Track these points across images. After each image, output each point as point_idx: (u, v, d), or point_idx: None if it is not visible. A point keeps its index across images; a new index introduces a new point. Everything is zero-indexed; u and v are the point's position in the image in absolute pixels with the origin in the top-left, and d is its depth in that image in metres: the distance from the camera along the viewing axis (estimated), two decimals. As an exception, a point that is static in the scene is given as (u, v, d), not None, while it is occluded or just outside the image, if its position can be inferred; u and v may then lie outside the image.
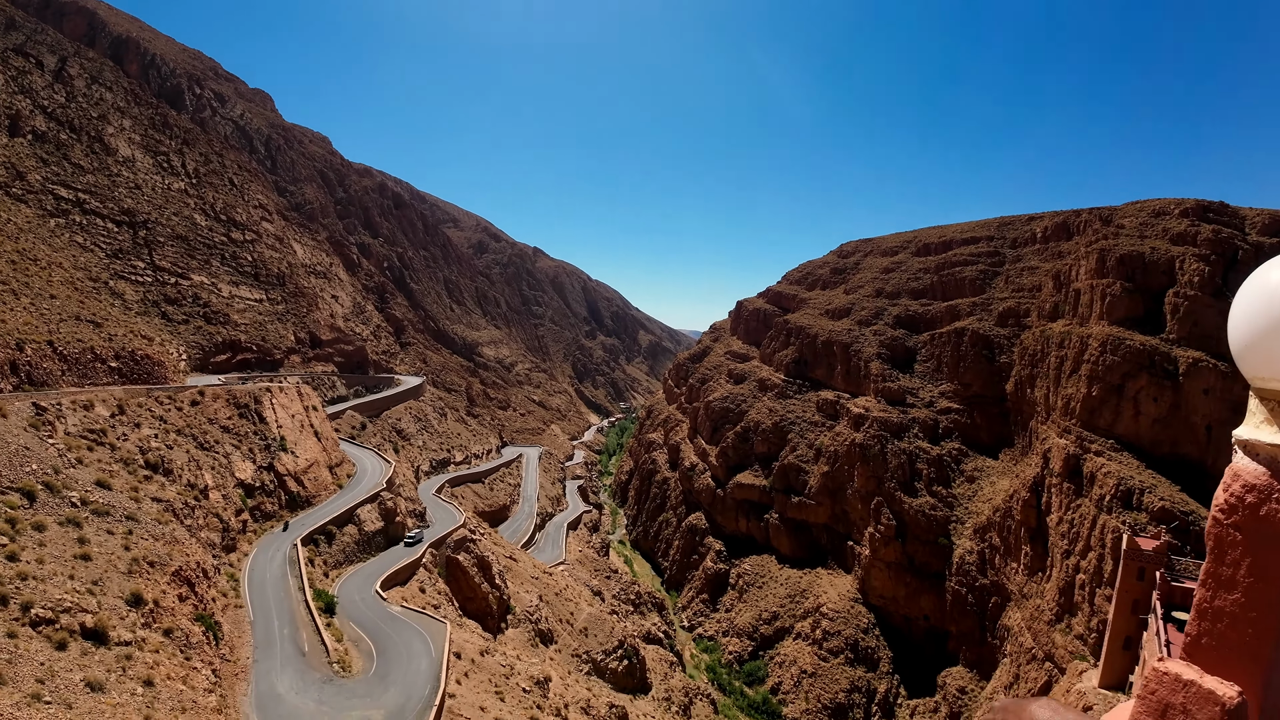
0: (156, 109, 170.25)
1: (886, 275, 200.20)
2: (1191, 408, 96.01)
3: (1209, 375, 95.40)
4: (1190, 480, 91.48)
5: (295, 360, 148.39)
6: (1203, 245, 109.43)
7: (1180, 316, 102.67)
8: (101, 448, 50.48)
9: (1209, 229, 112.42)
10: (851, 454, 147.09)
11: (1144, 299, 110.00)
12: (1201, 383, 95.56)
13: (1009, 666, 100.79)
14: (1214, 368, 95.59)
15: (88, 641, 28.83)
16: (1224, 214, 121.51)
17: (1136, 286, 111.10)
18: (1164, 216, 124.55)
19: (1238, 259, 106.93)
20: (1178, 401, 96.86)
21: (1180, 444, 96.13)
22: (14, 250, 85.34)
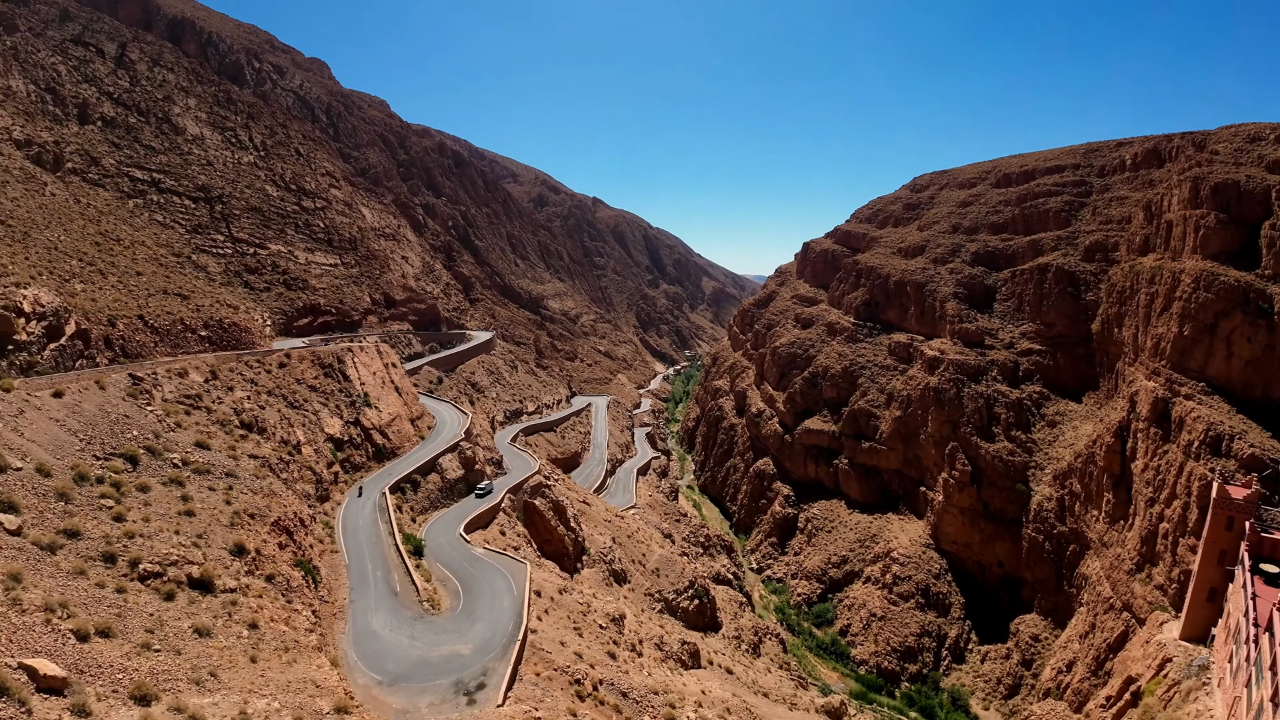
0: (219, 86, 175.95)
1: (963, 209, 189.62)
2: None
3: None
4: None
5: (372, 320, 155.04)
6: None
7: (1277, 251, 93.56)
8: (198, 411, 54.66)
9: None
10: (925, 398, 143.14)
11: (1239, 231, 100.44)
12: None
13: (1085, 615, 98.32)
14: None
15: (194, 591, 31.28)
16: None
17: (1231, 218, 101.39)
18: (1260, 142, 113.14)
19: None
20: (1272, 342, 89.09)
21: (1273, 387, 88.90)
22: (96, 232, 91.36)
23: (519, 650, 44.64)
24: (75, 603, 25.52)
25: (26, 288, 53.39)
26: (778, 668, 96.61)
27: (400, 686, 38.20)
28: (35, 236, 72.53)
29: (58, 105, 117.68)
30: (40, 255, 69.07)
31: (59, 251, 73.87)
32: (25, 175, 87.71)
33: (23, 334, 49.43)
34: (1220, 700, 31.89)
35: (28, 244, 69.21)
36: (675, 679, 63.81)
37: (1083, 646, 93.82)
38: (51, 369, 50.38)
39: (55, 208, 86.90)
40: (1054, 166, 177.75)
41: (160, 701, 21.48)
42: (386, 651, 42.25)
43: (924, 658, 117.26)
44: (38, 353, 50.37)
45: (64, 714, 18.99)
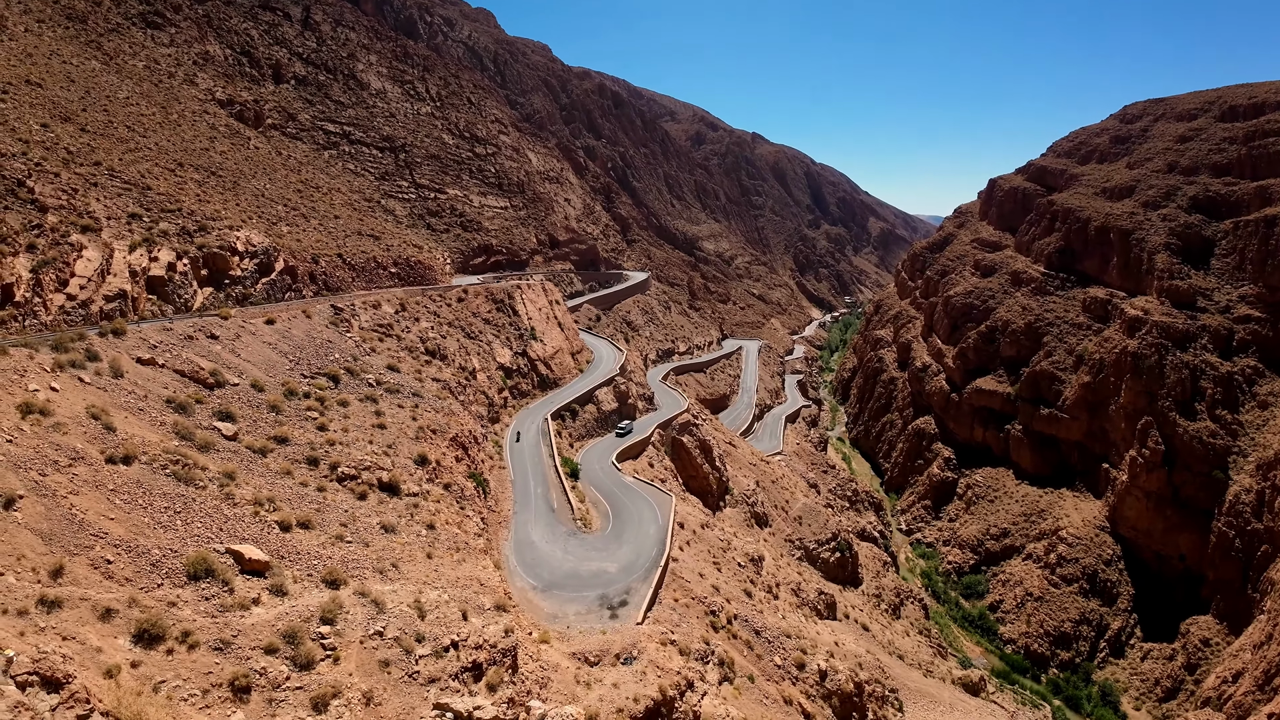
0: (396, 41, 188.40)
1: (1182, 146, 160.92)
2: None
3: None
4: None
5: (538, 260, 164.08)
6: None
7: None
8: (390, 339, 62.04)
9: None
10: (1121, 364, 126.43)
11: None
12: None
13: (1264, 625, 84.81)
14: None
15: (383, 493, 35.81)
16: None
17: None
18: None
19: None
20: None
21: None
22: (298, 181, 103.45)
23: (660, 575, 47.20)
24: (281, 499, 29.34)
25: (239, 230, 62.45)
26: (917, 632, 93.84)
27: (552, 593, 42.20)
28: (244, 185, 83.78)
29: (253, 67, 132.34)
30: (249, 202, 79.80)
31: (265, 198, 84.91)
32: (231, 131, 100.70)
33: (237, 270, 58.34)
34: None
35: (238, 192, 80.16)
36: (809, 626, 64.37)
37: (1255, 658, 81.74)
38: (264, 300, 59.12)
39: (260, 159, 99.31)
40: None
41: (348, 586, 24.77)
42: (542, 561, 46.55)
43: (1079, 646, 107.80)
44: (251, 286, 59.30)
45: (263, 593, 22.12)
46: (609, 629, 38.40)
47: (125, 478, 24.15)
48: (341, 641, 21.68)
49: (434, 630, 24.28)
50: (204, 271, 54.96)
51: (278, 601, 22.35)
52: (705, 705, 34.89)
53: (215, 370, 38.25)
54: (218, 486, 27.09)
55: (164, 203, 59.33)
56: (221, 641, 19.35)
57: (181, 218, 58.03)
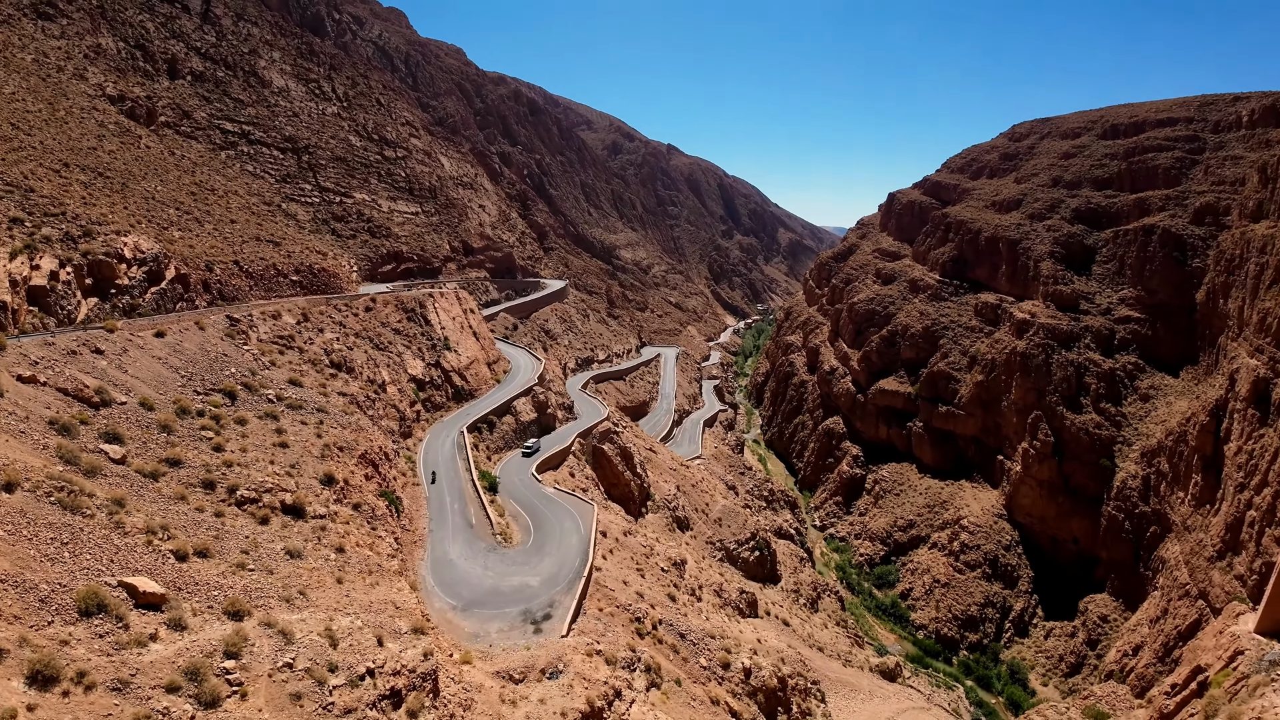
0: (301, 38, 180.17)
1: (1066, 161, 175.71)
2: None
3: None
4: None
5: (451, 268, 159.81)
6: None
7: None
8: (291, 351, 58.52)
9: None
10: (1011, 363, 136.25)
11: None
12: None
13: (1158, 600, 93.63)
14: None
15: (287, 516, 33.71)
16: None
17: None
18: None
19: None
20: (1393, 325, 79.39)
21: (1390, 374, 79.56)
22: (192, 183, 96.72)
23: (584, 586, 46.79)
24: (175, 526, 27.31)
25: (127, 235, 57.50)
26: (834, 624, 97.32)
27: (473, 612, 40.90)
28: (133, 187, 77.48)
29: (148, 61, 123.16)
30: (139, 205, 73.81)
31: (156, 201, 78.82)
32: (121, 129, 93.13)
33: (124, 278, 53.60)
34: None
35: (126, 194, 74.05)
36: (732, 625, 65.42)
37: (1152, 631, 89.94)
38: (153, 311, 54.51)
39: (151, 160, 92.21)
40: (1166, 119, 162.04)
41: (252, 617, 23.24)
42: (461, 579, 45.14)
43: (985, 628, 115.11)
44: (139, 296, 54.60)
45: (161, 628, 20.57)
46: (533, 644, 37.65)
47: (8, 507, 21.85)
48: (248, 676, 20.27)
49: (348, 658, 22.98)
50: (89, 280, 50.22)
51: (177, 636, 20.75)
52: (634, 712, 34.67)
53: (101, 388, 35.01)
54: (106, 514, 24.89)
55: (48, 206, 53.92)
56: (120, 681, 17.90)
57: (66, 222, 52.85)
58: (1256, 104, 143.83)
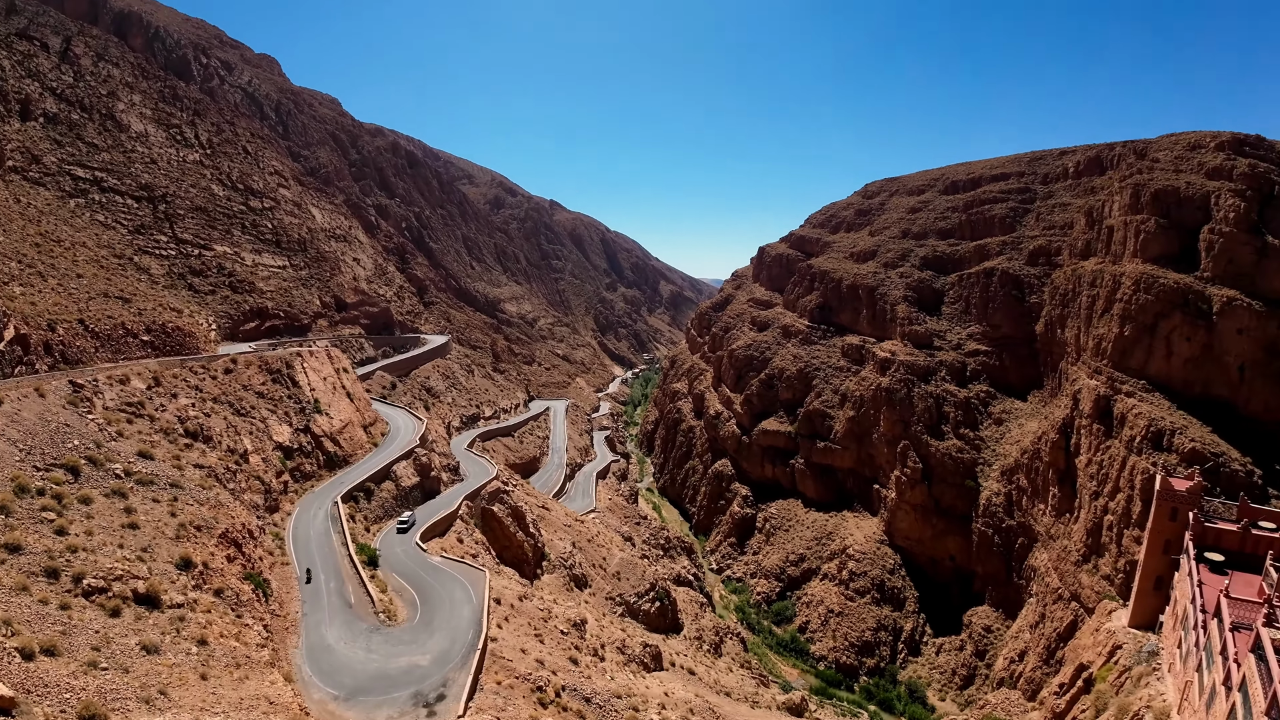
0: (165, 81, 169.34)
1: (913, 215, 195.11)
2: (1225, 348, 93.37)
3: (1243, 315, 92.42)
4: (1221, 421, 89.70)
5: (322, 324, 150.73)
6: (1239, 180, 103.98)
7: (1215, 254, 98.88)
8: (141, 419, 52.23)
9: (1245, 163, 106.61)
10: (877, 398, 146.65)
11: (1179, 235, 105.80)
12: (1236, 322, 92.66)
13: (1035, 606, 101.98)
14: (1249, 307, 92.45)
15: (141, 607, 30.16)
16: (1260, 147, 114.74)
17: (1171, 223, 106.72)
18: (1199, 150, 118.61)
19: (1274, 194, 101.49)
20: (1210, 341, 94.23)
21: (1212, 385, 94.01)
22: (37, 233, 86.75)
23: (479, 659, 44.15)
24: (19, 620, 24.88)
25: None
26: (739, 667, 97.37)
27: (357, 700, 37.26)
28: None
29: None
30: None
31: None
32: None
33: None
34: (1171, 685, 33.32)
35: None
36: (638, 682, 63.66)
37: (1034, 636, 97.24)
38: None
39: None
40: (999, 174, 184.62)
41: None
42: (342, 665, 41.31)
43: (881, 651, 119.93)
44: (-28, 360, 47.35)
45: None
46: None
47: None
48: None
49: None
50: (-82, 343, 42.68)
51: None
52: (543, 791, 32.39)
53: (-71, 465, 29.61)
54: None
55: None
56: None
57: None
58: (1081, 156, 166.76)
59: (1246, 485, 79.18)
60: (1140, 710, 31.63)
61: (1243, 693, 25.31)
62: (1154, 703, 31.43)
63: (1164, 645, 39.52)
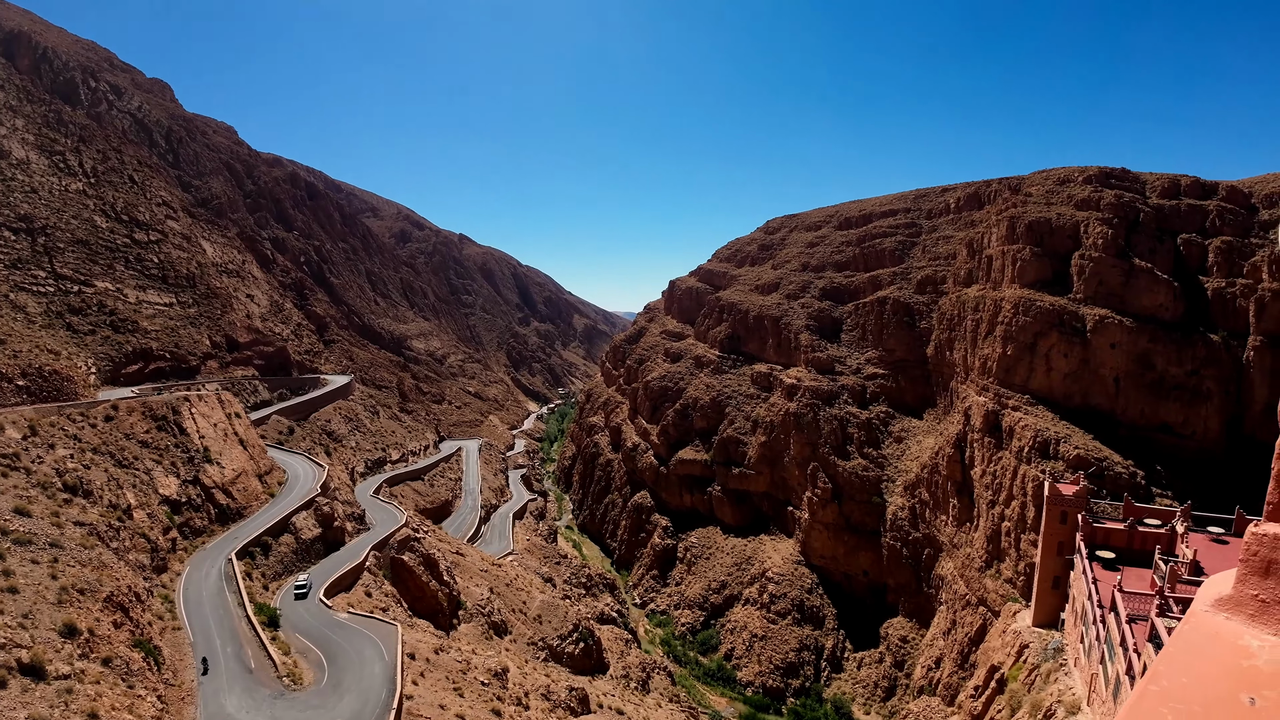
0: (50, 105, 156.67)
1: (811, 249, 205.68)
2: (1100, 362, 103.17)
3: (1115, 331, 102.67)
4: (1101, 429, 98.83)
5: (213, 366, 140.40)
6: (1106, 209, 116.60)
7: (1086, 277, 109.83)
8: (16, 472, 47.07)
9: (1111, 194, 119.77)
10: (786, 423, 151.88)
11: (1052, 262, 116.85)
12: (1109, 338, 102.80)
13: (945, 613, 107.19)
14: (1119, 323, 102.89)
15: (26, 678, 27.11)
16: (1125, 179, 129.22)
17: (1045, 251, 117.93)
18: (1069, 184, 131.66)
19: (1139, 221, 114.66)
20: (1087, 356, 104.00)
21: (1091, 396, 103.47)
22: None
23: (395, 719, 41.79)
24: None
25: None
26: (668, 701, 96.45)
27: (264, 773, 34.21)
28: None
29: None
30: None
31: None
32: None
33: None
34: (1079, 678, 35.77)
35: None
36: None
37: (947, 643, 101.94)
38: None
39: None
40: (888, 210, 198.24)
41: None
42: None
43: (805, 671, 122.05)
44: None
45: None
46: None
47: None
48: None
49: None
50: None
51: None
52: None
53: None
54: None
55: None
56: None
57: None
58: (961, 193, 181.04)
59: (1130, 486, 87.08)
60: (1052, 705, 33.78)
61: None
62: (1064, 697, 33.61)
63: (1068, 641, 42.64)
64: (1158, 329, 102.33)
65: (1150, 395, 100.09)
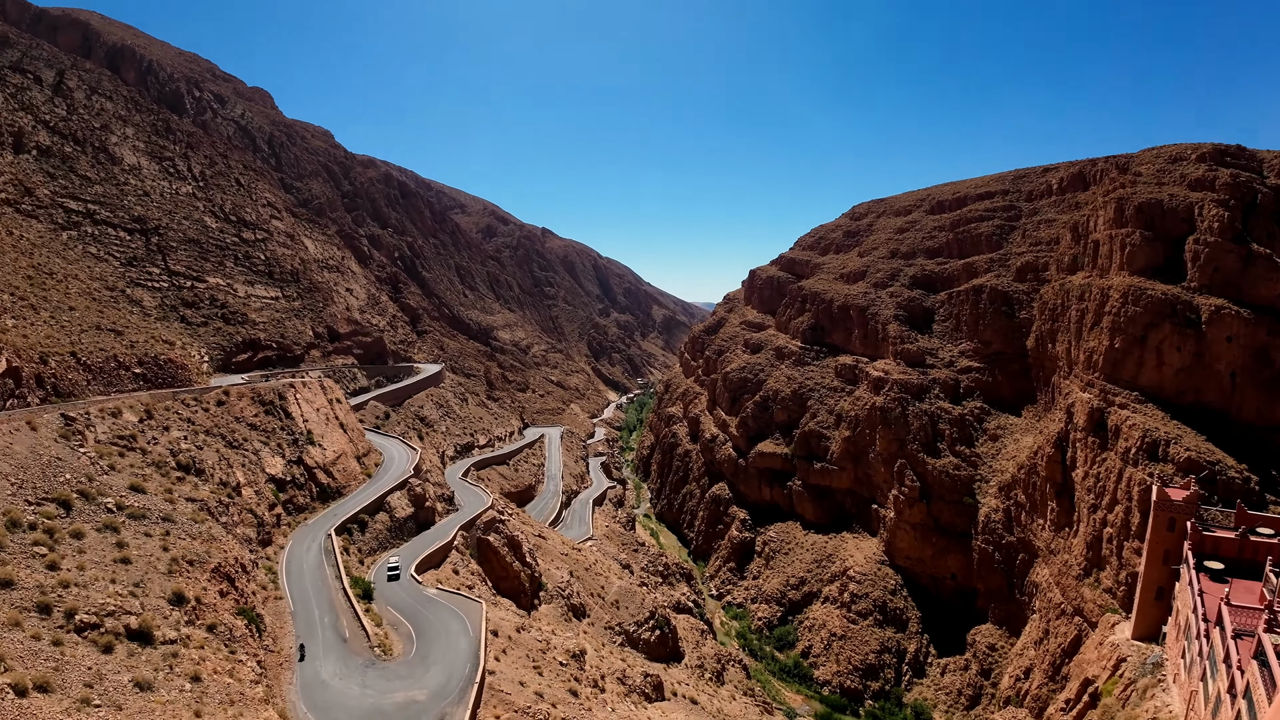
0: (158, 115, 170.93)
1: (901, 235, 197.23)
2: (1215, 356, 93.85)
3: (1232, 322, 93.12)
4: (1214, 429, 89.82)
5: (315, 355, 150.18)
6: (1221, 190, 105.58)
7: (1201, 264, 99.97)
8: (133, 453, 51.71)
9: (1227, 173, 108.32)
10: (872, 418, 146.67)
11: (1164, 247, 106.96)
12: (1225, 330, 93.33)
13: (1038, 622, 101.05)
14: (1237, 314, 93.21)
15: (133, 643, 29.75)
16: (1241, 158, 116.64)
17: (1156, 235, 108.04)
18: (1181, 162, 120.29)
19: (1257, 203, 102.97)
20: (1201, 350, 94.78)
21: (1204, 393, 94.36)
22: (29, 266, 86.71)
23: (477, 693, 43.35)
24: (11, 656, 24.66)
25: None
26: (742, 694, 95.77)
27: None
28: None
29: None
30: None
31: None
32: None
33: None
34: (1177, 695, 32.96)
35: None
36: (639, 713, 62.54)
37: (1038, 653, 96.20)
38: (-21, 409, 47.02)
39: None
40: (984, 193, 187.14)
41: None
42: (336, 701, 40.54)
43: (885, 674, 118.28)
44: (-36, 392, 46.96)
45: None
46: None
47: None
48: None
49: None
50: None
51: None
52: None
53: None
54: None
55: None
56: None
57: None
58: (1064, 173, 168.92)
59: (1243, 492, 79.13)
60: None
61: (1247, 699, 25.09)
62: (1160, 714, 31.07)
63: (1168, 656, 39.22)
64: (1276, 321, 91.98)
65: (1268, 393, 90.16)
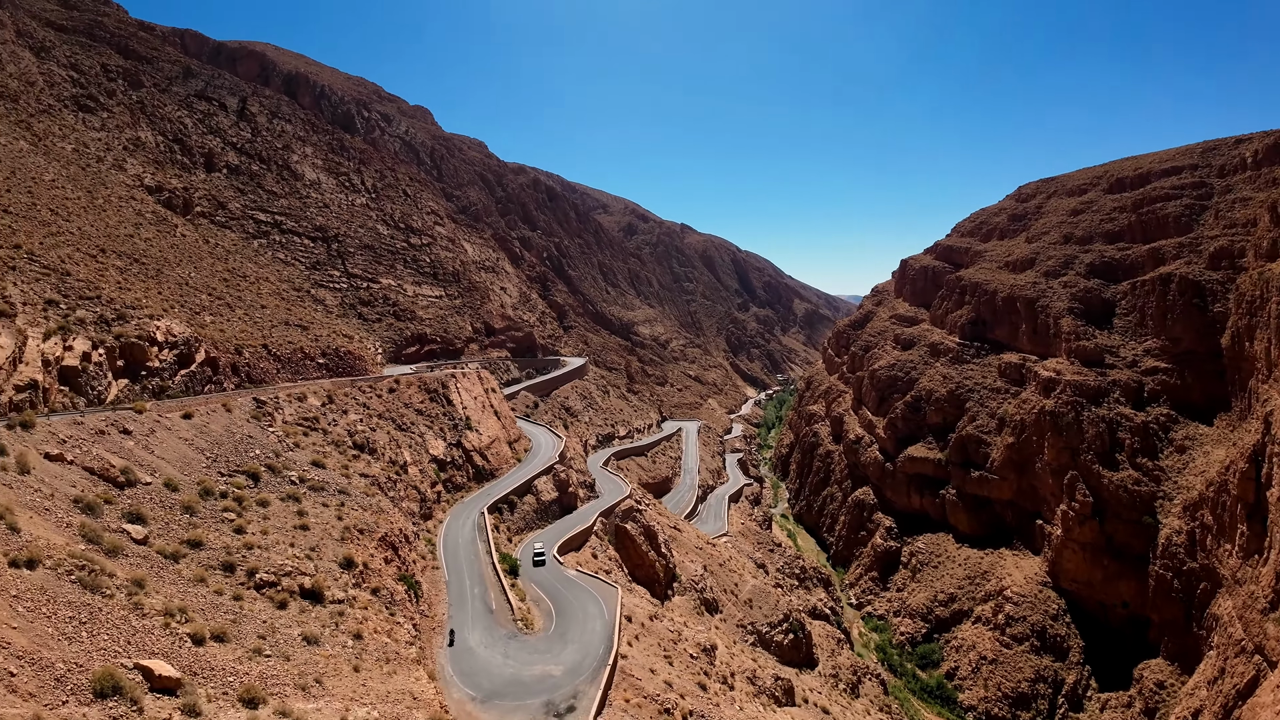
0: (332, 134, 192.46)
1: (1075, 218, 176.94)
2: None
3: None
4: None
5: (473, 348, 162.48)
6: None
7: None
8: (315, 433, 58.98)
9: None
10: (1041, 423, 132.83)
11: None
12: None
13: (1214, 660, 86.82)
14: None
15: (305, 601, 33.07)
16: None
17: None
18: None
19: None
20: None
21: None
22: (225, 270, 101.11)
23: (609, 675, 44.34)
24: (194, 608, 27.03)
25: (159, 319, 59.73)
26: (878, 710, 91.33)
27: (493, 703, 38.73)
28: (168, 273, 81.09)
29: (185, 155, 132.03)
30: (172, 290, 77.07)
31: (190, 287, 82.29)
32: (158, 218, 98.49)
33: (155, 360, 55.33)
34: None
35: (161, 280, 77.41)
36: (768, 715, 61.57)
37: (1210, 694, 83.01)
38: (182, 393, 55.85)
39: (186, 247, 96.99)
40: (1170, 168, 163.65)
41: (267, 705, 22.35)
42: (481, 668, 43.04)
43: (1038, 705, 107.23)
44: (169, 378, 56.09)
45: (175, 713, 19.84)
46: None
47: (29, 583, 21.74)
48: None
49: (362, 754, 21.73)
50: (120, 362, 51.85)
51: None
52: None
53: (127, 468, 35.44)
54: (126, 595, 24.62)
55: (83, 289, 56.78)
56: (133, 767, 17.10)
57: (100, 305, 55.53)
58: (1259, 144, 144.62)
59: None
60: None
61: None
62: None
63: None
64: None
65: None
